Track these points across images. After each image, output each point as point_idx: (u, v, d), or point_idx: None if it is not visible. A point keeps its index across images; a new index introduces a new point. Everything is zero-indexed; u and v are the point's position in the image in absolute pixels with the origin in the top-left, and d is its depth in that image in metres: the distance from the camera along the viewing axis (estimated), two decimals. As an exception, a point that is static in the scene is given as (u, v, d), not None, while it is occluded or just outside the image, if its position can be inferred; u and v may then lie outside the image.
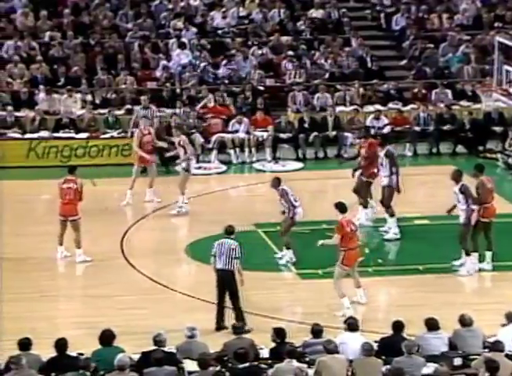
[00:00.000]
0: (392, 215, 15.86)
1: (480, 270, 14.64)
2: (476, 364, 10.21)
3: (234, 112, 21.76)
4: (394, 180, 15.74)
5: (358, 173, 16.49)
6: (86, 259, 15.02)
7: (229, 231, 12.82)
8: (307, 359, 10.50)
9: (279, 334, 10.73)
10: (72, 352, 10.43)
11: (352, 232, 13.02)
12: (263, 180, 19.12)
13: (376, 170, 16.23)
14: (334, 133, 21.39)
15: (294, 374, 9.86)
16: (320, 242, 13.27)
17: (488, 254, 14.75)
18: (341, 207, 13.23)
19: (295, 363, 10.12)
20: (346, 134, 21.32)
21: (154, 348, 10.38)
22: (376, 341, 10.69)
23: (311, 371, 10.16)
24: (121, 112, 21.76)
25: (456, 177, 14.53)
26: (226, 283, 12.53)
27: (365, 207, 16.54)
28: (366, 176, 16.44)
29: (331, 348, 10.26)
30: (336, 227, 13.07)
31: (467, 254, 14.50)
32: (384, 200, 15.81)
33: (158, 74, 22.97)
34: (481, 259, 14.76)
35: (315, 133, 21.35)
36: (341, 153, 21.24)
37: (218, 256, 12.57)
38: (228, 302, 12.71)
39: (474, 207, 14.36)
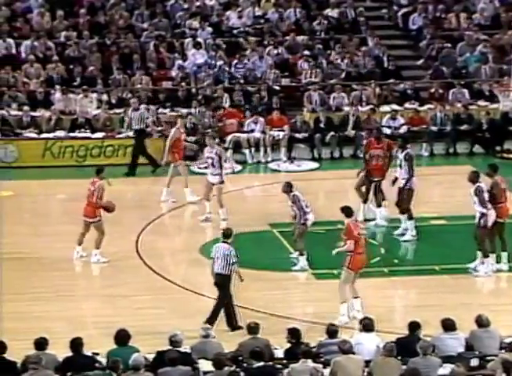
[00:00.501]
0: (411, 217, 15.72)
1: (497, 271, 14.53)
2: (493, 366, 10.11)
3: (248, 115, 21.60)
4: (413, 182, 15.61)
5: (363, 172, 16.41)
6: (101, 260, 15.01)
7: (226, 234, 12.76)
8: (322, 359, 10.44)
9: (294, 334, 10.68)
10: (88, 351, 10.42)
11: (360, 235, 12.85)
12: (278, 180, 18.99)
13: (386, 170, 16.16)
14: (354, 132, 21.31)
15: (310, 374, 9.80)
16: (335, 251, 13.08)
17: (504, 254, 14.63)
18: (347, 212, 13.06)
19: (310, 363, 10.06)
20: (363, 133, 21.23)
21: (169, 348, 10.36)
22: (392, 342, 10.56)
23: (326, 372, 10.08)
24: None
25: (473, 178, 14.43)
26: (221, 287, 12.54)
27: (380, 205, 16.47)
28: (379, 176, 16.33)
29: (346, 349, 10.22)
30: (344, 232, 12.93)
31: (486, 255, 14.37)
32: (403, 203, 15.67)
33: (174, 73, 22.98)
34: (498, 260, 14.65)
35: (332, 133, 21.28)
36: (358, 152, 21.17)
37: (216, 260, 12.57)
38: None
39: (484, 210, 14.21)
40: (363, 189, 16.47)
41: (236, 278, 12.65)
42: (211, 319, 12.40)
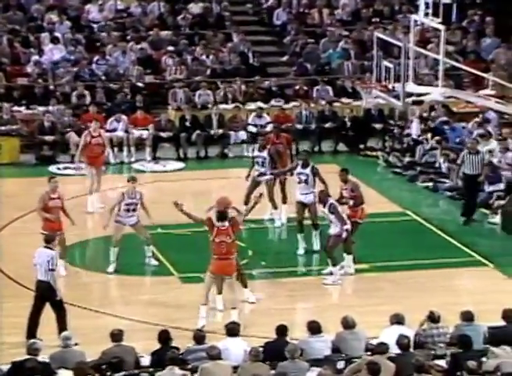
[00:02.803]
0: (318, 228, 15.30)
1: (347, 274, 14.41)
2: (353, 368, 10.05)
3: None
4: (316, 195, 15.03)
5: (267, 177, 16.09)
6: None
7: (47, 239, 12.34)
8: (189, 366, 10.22)
9: (160, 336, 10.49)
10: None
11: (220, 243, 12.49)
12: (143, 181, 18.56)
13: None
14: (221, 132, 21.05)
15: (178, 382, 9.57)
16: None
17: (350, 257, 14.46)
18: (218, 216, 12.71)
19: (177, 370, 9.85)
20: (230, 132, 21.04)
21: (27, 357, 9.98)
22: (260, 346, 10.44)
23: (194, 379, 9.90)
24: (-10, 109, 20.94)
25: (323, 198, 14.24)
26: (46, 295, 12.10)
27: (285, 203, 16.23)
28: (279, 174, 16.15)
29: (214, 355, 10.05)
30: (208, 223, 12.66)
31: (334, 264, 14.22)
32: (313, 220, 15.17)
33: (29, 69, 22.10)
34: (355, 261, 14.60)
35: (198, 132, 20.98)
36: (225, 152, 20.92)
37: (39, 266, 12.10)
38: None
39: (347, 226, 14.07)
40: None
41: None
42: (63, 326, 11.95)
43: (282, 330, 10.63)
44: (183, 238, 15.13)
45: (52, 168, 19.55)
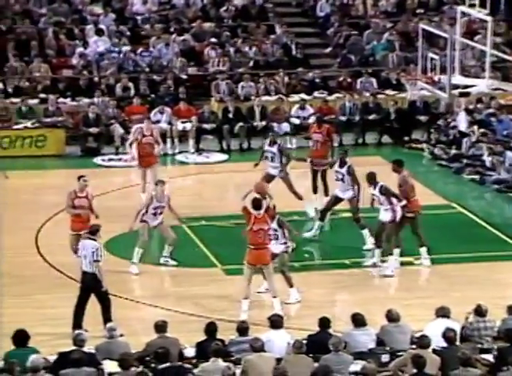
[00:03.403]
0: (363, 227, 15.01)
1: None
2: (401, 361, 9.92)
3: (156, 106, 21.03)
4: (355, 191, 14.97)
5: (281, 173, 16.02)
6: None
7: (92, 231, 12.39)
8: (233, 358, 10.19)
9: (207, 328, 10.47)
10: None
11: (257, 231, 12.48)
12: (186, 172, 18.60)
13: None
14: (264, 123, 20.99)
15: (222, 374, 9.49)
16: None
17: (423, 249, 14.41)
18: (254, 203, 12.71)
19: (221, 362, 9.80)
20: (273, 124, 20.96)
21: (73, 348, 9.99)
22: (303, 339, 10.35)
23: (238, 370, 9.83)
24: (35, 101, 21.04)
25: (371, 179, 14.15)
26: (91, 287, 12.16)
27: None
28: (318, 160, 16.12)
29: (258, 347, 9.99)
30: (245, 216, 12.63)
31: (391, 253, 14.09)
32: (354, 214, 15.09)
33: (74, 61, 22.26)
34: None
35: (241, 123, 20.93)
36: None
37: (84, 258, 12.16)
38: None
39: (400, 203, 13.96)
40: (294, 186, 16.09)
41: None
42: (108, 317, 12.01)
43: (324, 323, 10.54)
44: (226, 230, 15.10)
45: (97, 160, 19.68)
